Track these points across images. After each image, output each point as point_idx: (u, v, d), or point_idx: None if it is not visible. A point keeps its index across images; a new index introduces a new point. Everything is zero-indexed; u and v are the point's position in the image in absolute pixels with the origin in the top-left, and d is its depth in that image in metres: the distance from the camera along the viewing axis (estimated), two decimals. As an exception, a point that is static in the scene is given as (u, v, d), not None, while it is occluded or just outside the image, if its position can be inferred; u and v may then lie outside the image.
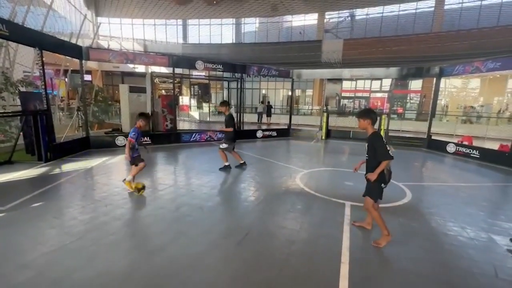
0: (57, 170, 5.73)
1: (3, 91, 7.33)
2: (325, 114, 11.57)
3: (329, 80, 18.39)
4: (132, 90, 9.94)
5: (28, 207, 3.71)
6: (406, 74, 10.38)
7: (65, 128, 8.61)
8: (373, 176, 2.88)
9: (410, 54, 16.28)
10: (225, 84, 20.78)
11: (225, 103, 5.88)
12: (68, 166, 5.96)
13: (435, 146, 9.39)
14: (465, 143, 8.87)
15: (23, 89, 7.84)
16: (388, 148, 2.79)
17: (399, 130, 12.59)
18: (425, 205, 4.21)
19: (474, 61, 8.31)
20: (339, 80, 20.21)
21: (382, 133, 10.55)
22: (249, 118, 16.01)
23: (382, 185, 2.92)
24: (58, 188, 4.63)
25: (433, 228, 3.49)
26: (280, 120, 17.65)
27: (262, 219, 3.52)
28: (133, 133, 4.20)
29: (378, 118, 10.84)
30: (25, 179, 5.03)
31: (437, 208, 4.10)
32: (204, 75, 18.34)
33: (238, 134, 6.04)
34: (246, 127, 11.92)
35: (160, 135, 9.36)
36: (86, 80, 9.54)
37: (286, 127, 12.37)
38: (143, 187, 4.33)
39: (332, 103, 21.71)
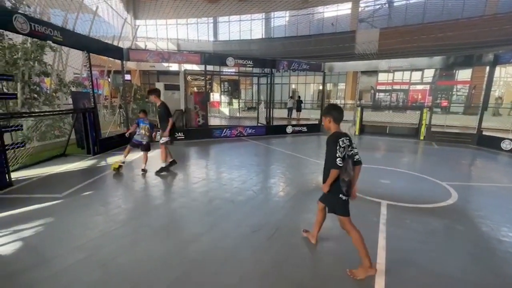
0: (103, 163, 6.27)
1: (58, 91, 8.19)
2: (358, 108, 11.05)
3: (364, 72, 17.47)
4: (167, 87, 10.46)
5: (79, 195, 4.12)
6: (453, 63, 9.43)
7: (109, 125, 9.35)
8: (324, 187, 2.55)
9: (459, 41, 14.74)
10: (255, 79, 20.85)
11: (155, 92, 5.09)
12: (112, 159, 6.48)
13: (487, 143, 8.45)
14: (525, 139, 7.84)
15: (73, 89, 8.68)
16: (339, 155, 2.37)
17: (444, 125, 11.56)
18: (474, 207, 3.82)
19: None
20: (374, 72, 19.11)
21: (423, 129, 9.79)
22: (279, 114, 15.91)
23: (341, 196, 2.48)
24: (104, 179, 5.07)
25: (483, 232, 3.16)
26: (310, 115, 17.30)
27: (292, 216, 3.50)
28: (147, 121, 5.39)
29: (420, 111, 10.07)
30: (77, 170, 5.59)
31: (488, 210, 3.70)
32: (234, 71, 18.59)
33: (175, 126, 5.52)
34: (275, 123, 11.86)
35: (192, 130, 9.74)
36: (126, 80, 10.25)
37: (317, 122, 12.10)
38: (118, 167, 5.33)
39: (367, 97, 20.64)
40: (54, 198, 3.96)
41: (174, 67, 21.12)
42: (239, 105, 19.24)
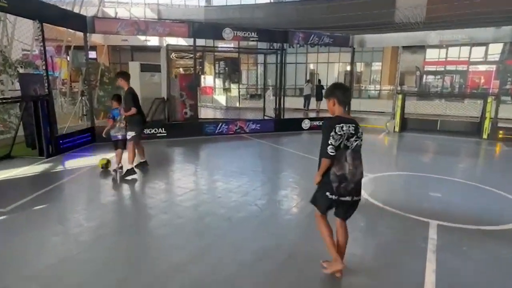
0: (59, 168, 6.36)
1: (1, 73, 8.32)
2: (399, 96, 11.02)
3: (406, 48, 17.35)
4: (144, 68, 10.54)
5: (30, 209, 4.19)
6: (529, 36, 9.36)
7: (68, 117, 9.48)
8: (315, 178, 2.82)
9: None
10: (260, 58, 20.90)
11: (124, 75, 5.77)
12: (72, 163, 6.58)
13: None
14: None
15: (22, 70, 8.81)
16: (332, 143, 2.63)
17: (515, 119, 11.48)
18: (556, 230, 3.80)
19: None
20: (421, 48, 18.97)
21: (486, 124, 9.72)
22: (292, 103, 15.93)
23: (328, 194, 2.70)
24: (62, 188, 5.14)
25: None
26: (334, 105, 17.29)
27: (309, 238, 3.51)
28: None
29: (483, 101, 9.98)
30: (26, 177, 5.68)
31: None
32: (233, 47, 18.67)
33: (144, 116, 5.92)
34: (287, 115, 11.89)
35: (177, 125, 9.84)
36: (90, 58, 10.36)
37: (343, 115, 12.11)
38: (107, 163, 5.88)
39: (410, 81, 20.52)
40: (-4, 213, 4.04)
41: (153, 41, 21.29)
42: (239, 92, 19.33)
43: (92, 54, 18.76)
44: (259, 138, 9.59)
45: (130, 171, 5.56)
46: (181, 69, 21.84)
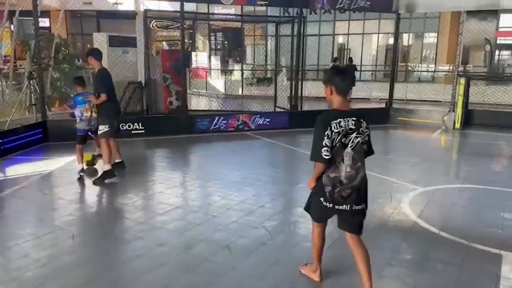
0: (-1, 176, 6.41)
1: None
2: (461, 80, 10.89)
3: (472, 14, 17.14)
4: (113, 42, 10.61)
5: (-41, 232, 4.21)
6: None
7: (11, 108, 9.57)
8: (309, 183, 3.17)
9: None
10: (271, 29, 20.89)
11: (95, 53, 5.99)
12: (15, 170, 6.60)
13: None
14: None
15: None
16: (327, 143, 2.81)
17: None
18: None
19: None
20: (492, 13, 18.73)
21: None
22: (313, 90, 15.85)
23: (322, 200, 3.00)
24: (1, 205, 5.13)
25: None
26: (371, 92, 17.20)
27: (340, 275, 3.47)
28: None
29: None
30: (-45, 188, 5.72)
31: None
32: (235, 14, 18.69)
33: (118, 104, 6.49)
34: (306, 107, 11.85)
35: (159, 119, 9.88)
36: (41, 28, 10.45)
37: (384, 105, 12.04)
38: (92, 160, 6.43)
39: (477, 58, 20.28)
40: None
41: (126, 5, 21.42)
42: (242, 75, 19.36)
43: (45, 22, 18.98)
44: (269, 137, 9.58)
45: (108, 173, 5.81)
46: (164, 43, 21.90)
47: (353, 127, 2.84)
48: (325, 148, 2.81)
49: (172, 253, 3.83)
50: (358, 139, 2.87)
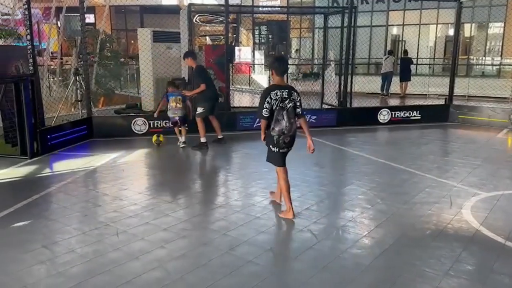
0: (47, 171, 6.76)
1: (-23, 45, 9.01)
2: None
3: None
4: (157, 38, 10.86)
5: (9, 227, 4.49)
6: None
7: (58, 104, 10.07)
8: (261, 135, 4.77)
9: None
10: (318, 21, 20.69)
11: (191, 54, 8.23)
12: (62, 166, 6.96)
13: None
14: None
15: (1, 42, 9.49)
16: (266, 106, 4.48)
17: None
18: None
19: None
20: None
21: None
22: (364, 85, 15.58)
23: (271, 147, 4.70)
24: (49, 200, 5.45)
25: None
26: (429, 87, 16.67)
27: (390, 285, 3.41)
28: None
29: None
30: (5, 183, 6.08)
31: None
32: (280, 6, 18.66)
33: (215, 92, 8.42)
34: (356, 103, 11.65)
35: (201, 116, 10.01)
36: (87, 24, 10.86)
37: (443, 101, 11.66)
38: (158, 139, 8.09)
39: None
40: (-31, 230, 4.35)
41: (170, -1, 21.82)
42: (287, 70, 19.24)
43: (90, 18, 19.77)
44: (315, 136, 9.25)
45: (204, 144, 7.95)
46: (207, 38, 22.22)
47: (286, 96, 4.52)
48: (265, 110, 4.48)
49: (215, 254, 3.89)
50: (291, 104, 4.53)
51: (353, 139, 9.39)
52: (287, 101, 4.49)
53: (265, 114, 4.49)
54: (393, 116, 10.96)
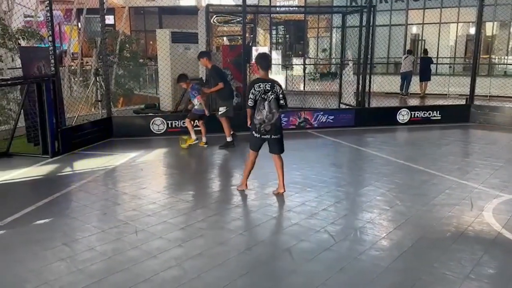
0: (67, 170, 6.88)
1: (1, 47, 9.21)
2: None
3: None
4: (176, 38, 10.96)
5: (31, 224, 4.59)
6: None
7: (78, 104, 10.23)
8: (248, 122, 5.37)
9: None
10: (336, 20, 20.58)
11: (207, 54, 8.35)
12: (82, 164, 7.09)
13: None
14: None
15: (23, 43, 9.68)
16: (251, 97, 5.09)
17: None
18: None
19: None
20: None
21: None
22: (382, 85, 15.44)
23: (253, 133, 5.27)
24: (69, 198, 5.55)
25: None
26: (449, 87, 16.44)
27: None
28: (194, 91, 8.09)
29: None
30: (27, 181, 6.23)
31: None
32: (297, 6, 18.63)
33: (233, 91, 8.82)
34: (374, 103, 11.54)
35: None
36: (107, 25, 11.00)
37: (464, 101, 11.50)
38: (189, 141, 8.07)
39: None
40: (-9, 227, 4.47)
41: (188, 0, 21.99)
42: (304, 70, 19.24)
43: (110, 19, 20.05)
44: (333, 136, 9.46)
45: (229, 144, 8.07)
46: (224, 38, 22.28)
47: (269, 88, 5.07)
48: (250, 100, 5.09)
49: (232, 253, 3.90)
50: (273, 95, 5.05)
51: (371, 139, 9.31)
52: (269, 93, 5.04)
53: (250, 104, 5.11)
54: (412, 116, 10.83)
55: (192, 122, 8.24)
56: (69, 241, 4.17)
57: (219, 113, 8.00)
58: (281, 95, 5.14)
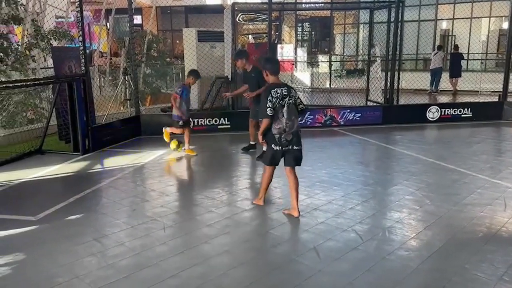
0: (97, 167, 7.05)
1: (34, 47, 9.50)
2: None
3: None
4: (202, 37, 11.05)
5: (62, 220, 4.73)
6: None
7: (108, 102, 10.45)
8: (258, 137, 4.83)
9: None
10: (363, 16, 20.32)
11: (243, 54, 7.60)
12: (112, 162, 7.25)
13: None
14: None
15: (55, 43, 9.96)
16: (269, 105, 4.46)
17: None
18: None
19: None
20: None
21: None
22: (411, 82, 15.15)
23: (273, 146, 4.60)
24: (100, 194, 5.69)
25: None
26: (481, 84, 16.04)
27: (438, 288, 3.30)
28: (179, 88, 7.29)
29: None
30: (59, 177, 6.41)
31: None
32: (324, 2, 18.47)
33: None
34: (403, 100, 11.36)
35: (245, 114, 9.99)
36: (135, 25, 11.19)
37: (497, 98, 11.19)
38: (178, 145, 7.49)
39: None
40: (24, 223, 4.60)
41: (213, -1, 22.10)
42: (330, 67, 19.08)
43: (137, 19, 20.37)
44: (360, 134, 9.35)
45: (253, 146, 7.68)
46: (250, 36, 22.32)
47: (286, 93, 4.54)
48: (269, 109, 4.46)
49: (258, 251, 3.93)
50: (291, 100, 4.55)
51: (400, 137, 9.16)
52: (287, 98, 4.52)
53: (269, 113, 4.45)
54: (442, 113, 10.59)
55: (183, 130, 7.43)
56: (99, 236, 4.27)
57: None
58: (298, 100, 4.71)
